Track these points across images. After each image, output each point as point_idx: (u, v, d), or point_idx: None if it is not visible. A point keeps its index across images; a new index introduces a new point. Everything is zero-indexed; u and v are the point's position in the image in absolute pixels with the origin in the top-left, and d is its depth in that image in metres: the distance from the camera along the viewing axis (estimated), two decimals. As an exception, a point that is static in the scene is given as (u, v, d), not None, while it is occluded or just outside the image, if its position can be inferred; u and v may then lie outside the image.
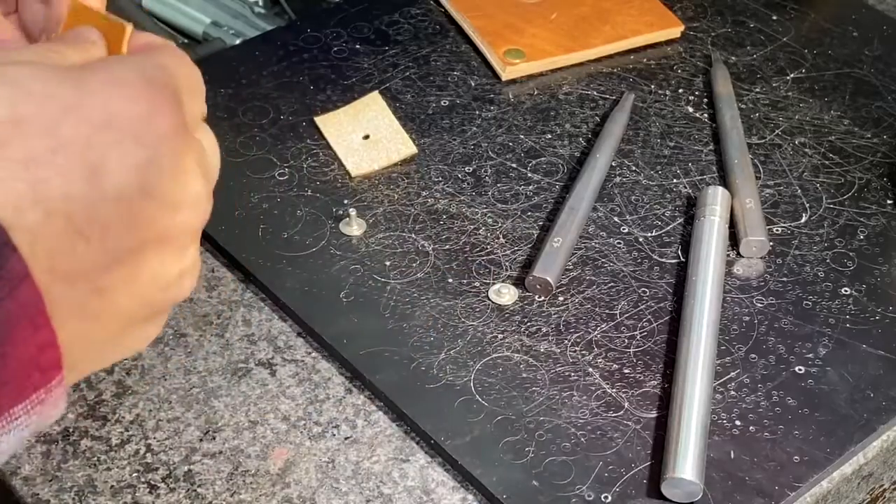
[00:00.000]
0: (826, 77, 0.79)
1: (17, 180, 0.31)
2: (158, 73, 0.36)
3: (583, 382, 0.58)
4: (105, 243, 0.33)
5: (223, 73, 0.77)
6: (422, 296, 0.62)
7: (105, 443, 0.56)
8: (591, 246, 0.66)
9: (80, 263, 0.33)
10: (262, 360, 0.60)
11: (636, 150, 0.73)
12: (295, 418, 0.57)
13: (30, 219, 0.31)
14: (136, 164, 0.33)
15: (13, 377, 0.31)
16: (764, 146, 0.74)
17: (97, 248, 0.33)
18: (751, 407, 0.57)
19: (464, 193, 0.69)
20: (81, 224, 0.32)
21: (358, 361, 0.59)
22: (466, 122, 0.74)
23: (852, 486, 0.58)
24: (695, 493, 0.53)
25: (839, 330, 0.61)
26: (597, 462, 0.54)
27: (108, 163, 0.33)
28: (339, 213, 0.67)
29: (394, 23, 0.82)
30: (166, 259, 0.36)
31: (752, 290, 0.64)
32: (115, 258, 0.34)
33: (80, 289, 0.33)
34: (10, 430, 0.32)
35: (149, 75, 0.35)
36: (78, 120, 0.33)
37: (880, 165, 0.72)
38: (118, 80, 0.34)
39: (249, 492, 0.54)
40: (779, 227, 0.68)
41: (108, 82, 0.34)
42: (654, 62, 0.80)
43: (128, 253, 0.34)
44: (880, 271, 0.65)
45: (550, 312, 0.62)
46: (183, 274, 0.37)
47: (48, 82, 0.33)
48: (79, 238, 0.32)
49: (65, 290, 0.32)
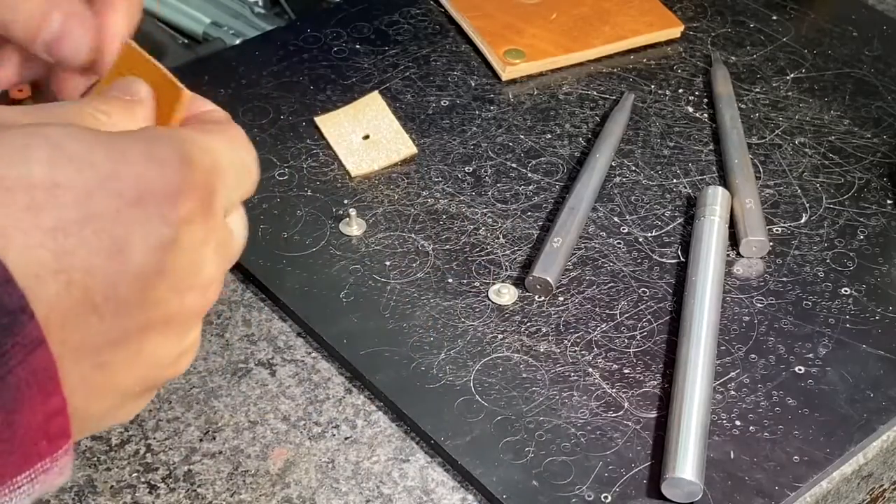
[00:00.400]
0: (826, 77, 0.79)
1: (44, 248, 0.31)
2: (200, 155, 0.35)
3: (583, 382, 0.58)
4: (116, 320, 0.33)
5: (223, 73, 0.77)
6: (422, 296, 0.62)
7: (105, 443, 0.56)
8: (591, 246, 0.66)
9: (90, 337, 0.32)
10: (262, 360, 0.60)
11: (636, 150, 0.73)
12: (295, 418, 0.57)
13: (50, 289, 0.31)
14: (160, 245, 0.33)
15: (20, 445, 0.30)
16: (764, 146, 0.74)
17: (109, 325, 0.33)
18: (751, 407, 0.57)
19: (464, 193, 0.69)
20: (98, 299, 0.32)
21: (358, 361, 0.59)
22: (466, 122, 0.74)
23: (852, 486, 0.58)
24: (695, 493, 0.53)
25: (839, 330, 0.61)
26: (597, 462, 0.54)
27: (132, 240, 0.32)
28: (339, 213, 0.67)
29: (394, 23, 0.82)
30: (169, 339, 0.35)
31: (752, 290, 0.64)
32: (122, 335, 0.33)
33: (85, 363, 0.33)
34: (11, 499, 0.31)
35: (189, 155, 0.35)
36: (111, 193, 0.32)
37: (880, 165, 0.72)
38: (156, 156, 0.34)
39: (249, 492, 0.54)
40: (779, 227, 0.68)
41: (146, 157, 0.33)
42: (654, 62, 0.80)
43: (135, 331, 0.34)
44: (880, 271, 0.65)
45: (550, 312, 0.62)
46: (183, 354, 0.37)
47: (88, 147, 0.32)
48: (93, 312, 0.32)
49: (72, 363, 0.32)
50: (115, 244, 0.32)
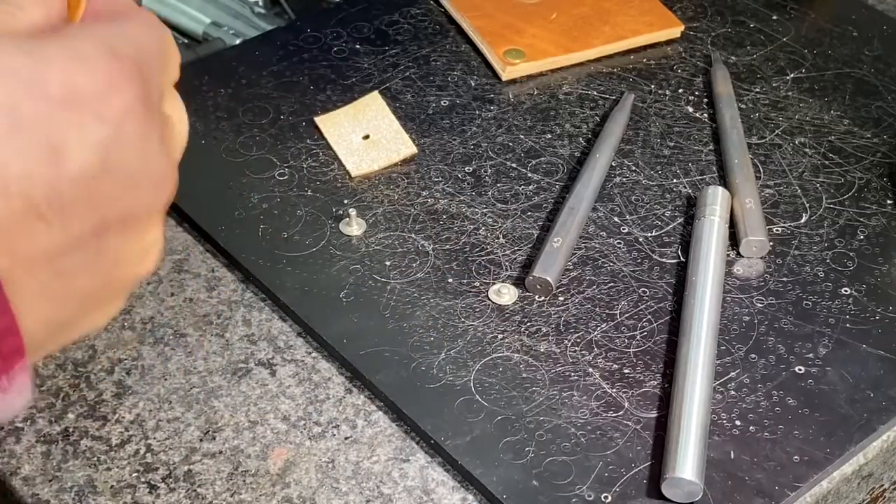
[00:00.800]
0: (826, 77, 0.79)
1: None
2: (122, 44, 0.34)
3: (583, 382, 0.58)
4: (66, 225, 0.32)
5: (223, 73, 0.77)
6: (422, 296, 0.62)
7: (105, 443, 0.56)
8: (591, 246, 0.66)
9: (41, 246, 0.32)
10: (262, 360, 0.60)
11: (636, 150, 0.73)
12: (295, 418, 0.57)
13: None
14: (97, 142, 0.32)
15: None
16: (764, 146, 0.74)
17: (58, 231, 0.32)
18: (751, 407, 0.57)
19: (464, 193, 0.69)
20: (42, 206, 0.31)
21: (358, 361, 0.59)
22: (466, 122, 0.74)
23: (852, 486, 0.58)
24: (695, 493, 0.53)
25: (839, 330, 0.61)
26: (597, 462, 0.54)
27: (68, 142, 0.32)
28: (339, 213, 0.67)
29: (394, 23, 0.82)
30: (128, 238, 0.34)
31: (752, 290, 0.64)
32: (76, 240, 0.33)
33: (40, 272, 0.32)
34: None
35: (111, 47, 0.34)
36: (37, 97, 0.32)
37: (880, 165, 0.72)
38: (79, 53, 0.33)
39: (249, 492, 0.54)
40: (779, 227, 0.68)
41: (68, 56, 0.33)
42: (654, 62, 0.80)
43: (89, 235, 0.33)
44: (880, 271, 0.65)
45: (550, 312, 0.62)
46: (145, 252, 0.36)
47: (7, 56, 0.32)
48: (39, 220, 0.31)
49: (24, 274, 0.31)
50: (51, 148, 0.31)
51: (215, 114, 0.73)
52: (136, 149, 0.34)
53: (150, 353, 0.60)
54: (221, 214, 0.66)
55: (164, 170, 0.35)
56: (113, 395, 0.58)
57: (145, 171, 0.34)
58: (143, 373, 0.59)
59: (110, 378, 0.59)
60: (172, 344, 0.61)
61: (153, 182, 0.35)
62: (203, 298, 0.63)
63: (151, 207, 0.35)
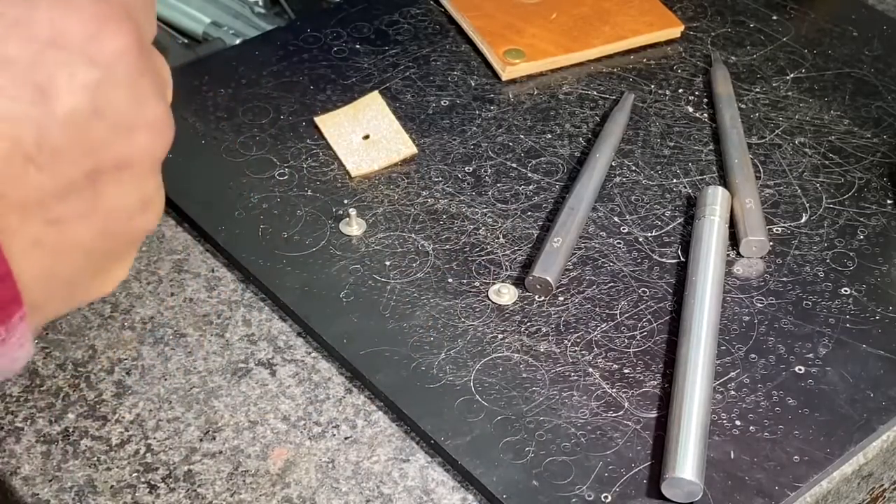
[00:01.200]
0: (826, 77, 0.79)
1: None
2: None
3: (583, 382, 0.58)
4: (58, 169, 0.31)
5: (223, 73, 0.77)
6: (422, 296, 0.62)
7: (105, 443, 0.56)
8: (591, 246, 0.66)
9: (32, 191, 0.31)
10: (262, 360, 0.60)
11: (636, 150, 0.73)
12: (295, 418, 0.57)
13: None
14: (88, 84, 0.32)
15: None
16: (764, 146, 0.74)
17: (49, 175, 0.31)
18: (751, 407, 0.57)
19: (464, 193, 0.69)
20: (30, 148, 0.30)
21: (358, 361, 0.59)
22: (466, 122, 0.74)
23: (852, 486, 0.58)
24: (695, 493, 0.53)
25: (839, 330, 0.61)
26: (597, 462, 0.54)
27: (57, 83, 0.31)
28: (339, 213, 0.67)
29: (394, 23, 0.82)
30: (125, 186, 0.33)
31: (752, 290, 0.64)
32: (69, 185, 0.32)
33: (34, 220, 0.31)
34: None
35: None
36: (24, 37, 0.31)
37: (880, 165, 0.72)
38: None
39: (249, 492, 0.54)
40: (779, 227, 0.68)
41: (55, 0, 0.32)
42: (654, 62, 0.80)
43: (83, 179, 0.32)
44: (880, 271, 0.65)
45: (550, 312, 0.62)
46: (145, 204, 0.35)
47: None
48: (28, 163, 0.30)
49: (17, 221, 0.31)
50: (38, 89, 0.31)
51: (215, 114, 0.73)
52: (129, 92, 0.33)
53: (150, 353, 0.60)
54: (221, 214, 0.66)
55: (158, 114, 0.34)
56: (113, 395, 0.58)
57: (140, 114, 0.33)
58: (143, 373, 0.59)
59: (110, 378, 0.59)
60: (172, 344, 0.61)
61: (148, 126, 0.34)
62: (203, 298, 0.63)
63: (148, 153, 0.34)
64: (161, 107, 0.34)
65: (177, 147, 0.76)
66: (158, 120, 0.34)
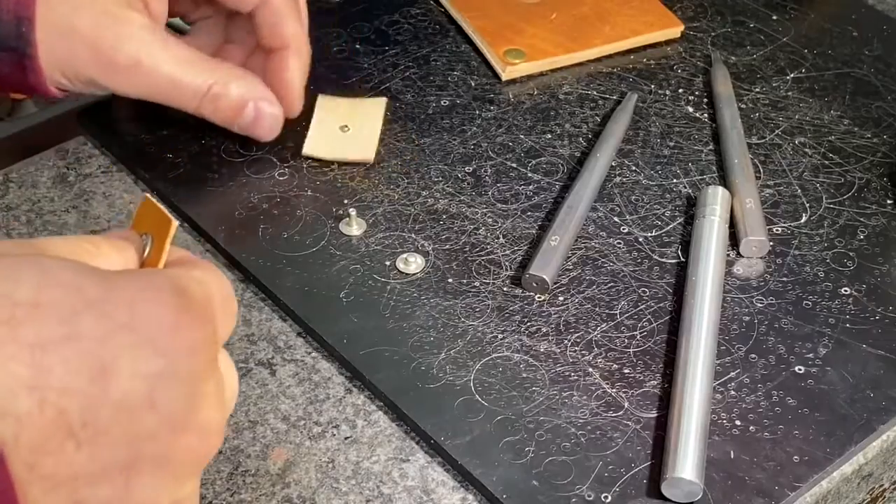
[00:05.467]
0: (826, 77, 0.79)
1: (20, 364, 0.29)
2: (194, 286, 0.34)
3: (583, 382, 0.58)
4: (97, 450, 0.30)
5: (223, 73, 0.76)
6: (422, 296, 0.62)
7: (105, 443, 0.56)
8: (590, 246, 0.66)
9: (66, 468, 0.30)
10: (262, 360, 0.60)
11: (636, 150, 0.73)
12: (295, 418, 0.57)
13: (21, 406, 0.28)
14: (149, 373, 0.31)
15: None
16: (764, 146, 0.74)
17: (87, 455, 0.30)
18: (751, 407, 0.57)
19: (464, 193, 0.69)
20: (75, 423, 0.30)
21: (358, 361, 0.59)
22: (466, 122, 0.74)
23: (852, 486, 0.58)
24: (695, 493, 0.53)
25: (839, 330, 0.61)
26: (597, 462, 0.54)
27: (119, 365, 0.30)
28: (339, 213, 0.67)
29: (394, 23, 0.82)
30: (161, 484, 0.32)
31: (752, 290, 0.64)
32: (104, 470, 0.31)
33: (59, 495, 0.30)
34: None
35: (184, 286, 0.33)
36: (99, 315, 0.31)
37: (880, 165, 0.72)
38: (150, 284, 0.32)
39: (249, 492, 0.54)
40: (779, 227, 0.68)
41: (138, 285, 0.32)
42: (654, 62, 0.80)
43: (120, 467, 0.31)
44: (880, 271, 0.65)
45: (550, 312, 0.62)
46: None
47: (78, 275, 0.31)
48: (69, 438, 0.30)
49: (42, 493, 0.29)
50: (99, 367, 0.30)
51: (215, 114, 0.73)
52: (188, 390, 0.32)
53: (150, 353, 0.60)
54: (221, 214, 0.66)
55: (212, 420, 0.33)
56: (113, 395, 0.58)
57: (193, 416, 0.32)
58: (143, 373, 0.59)
59: (110, 378, 0.59)
60: (172, 344, 0.61)
61: (199, 429, 0.33)
62: (203, 298, 0.63)
63: (191, 456, 0.33)
64: (217, 415, 0.34)
65: (177, 147, 0.76)
66: (210, 426, 0.33)
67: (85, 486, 0.30)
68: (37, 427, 0.29)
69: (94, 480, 0.30)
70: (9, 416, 0.28)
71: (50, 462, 0.29)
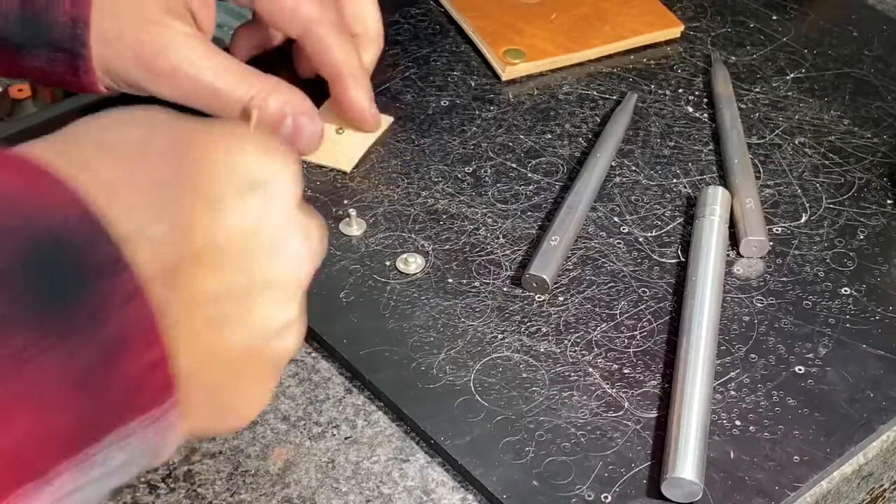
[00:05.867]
0: (826, 77, 0.79)
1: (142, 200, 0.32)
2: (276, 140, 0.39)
3: (583, 382, 0.58)
4: (219, 273, 0.34)
5: (223, 73, 0.76)
6: (422, 296, 0.62)
7: (105, 443, 0.56)
8: (590, 246, 0.66)
9: (197, 287, 0.33)
10: (262, 360, 0.60)
11: (636, 150, 0.73)
12: (295, 418, 0.57)
13: (156, 231, 0.32)
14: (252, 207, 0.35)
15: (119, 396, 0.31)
16: (764, 146, 0.74)
17: (212, 277, 0.34)
18: (751, 407, 0.57)
19: (464, 193, 0.69)
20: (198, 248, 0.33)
21: (358, 361, 0.59)
22: (466, 122, 0.74)
23: (852, 486, 0.58)
24: (695, 493, 0.53)
25: (839, 330, 0.61)
26: (597, 462, 0.54)
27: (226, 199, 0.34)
28: (339, 213, 0.67)
29: (394, 23, 0.82)
30: (274, 304, 0.36)
31: (752, 290, 0.64)
32: (227, 291, 0.34)
33: (195, 315, 0.34)
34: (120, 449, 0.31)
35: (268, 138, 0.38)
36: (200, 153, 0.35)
37: (880, 165, 0.72)
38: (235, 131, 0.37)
39: (249, 492, 0.54)
40: (779, 227, 0.68)
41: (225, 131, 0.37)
42: (654, 62, 0.80)
43: (239, 289, 0.35)
44: (880, 271, 0.65)
45: (550, 312, 0.62)
46: (288, 325, 0.38)
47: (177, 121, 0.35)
48: (195, 262, 0.33)
49: (182, 311, 0.33)
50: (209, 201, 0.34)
51: (215, 114, 0.73)
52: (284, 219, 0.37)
53: (150, 353, 0.60)
54: (221, 214, 0.66)
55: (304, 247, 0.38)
56: (113, 395, 0.58)
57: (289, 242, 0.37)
58: (143, 373, 0.59)
59: (110, 378, 0.59)
60: (172, 344, 0.61)
61: (294, 254, 0.37)
62: (203, 298, 0.63)
63: (292, 277, 0.37)
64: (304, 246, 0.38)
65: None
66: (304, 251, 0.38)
67: (215, 303, 0.34)
68: (169, 251, 0.32)
69: (222, 298, 0.34)
70: (146, 241, 0.32)
71: (184, 282, 0.33)
